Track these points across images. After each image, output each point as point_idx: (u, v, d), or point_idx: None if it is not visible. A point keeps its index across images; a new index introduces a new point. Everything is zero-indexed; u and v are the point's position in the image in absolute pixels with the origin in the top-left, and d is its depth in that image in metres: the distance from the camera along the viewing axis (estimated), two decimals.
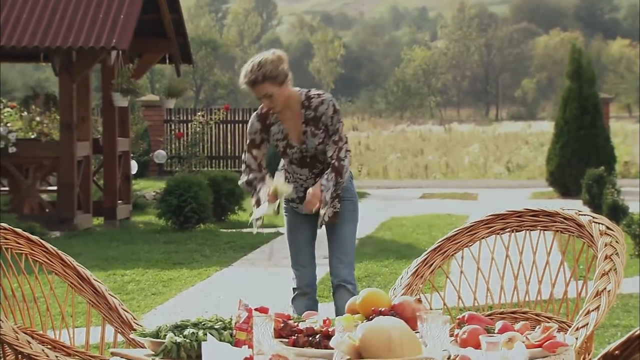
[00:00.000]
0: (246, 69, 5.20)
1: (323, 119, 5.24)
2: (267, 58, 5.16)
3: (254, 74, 5.15)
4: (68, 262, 3.56)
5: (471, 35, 73.75)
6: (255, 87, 5.15)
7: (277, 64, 5.15)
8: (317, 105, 5.24)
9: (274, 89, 5.15)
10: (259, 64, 5.16)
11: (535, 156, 27.50)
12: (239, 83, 5.28)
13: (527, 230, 3.64)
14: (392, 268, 9.50)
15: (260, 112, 5.32)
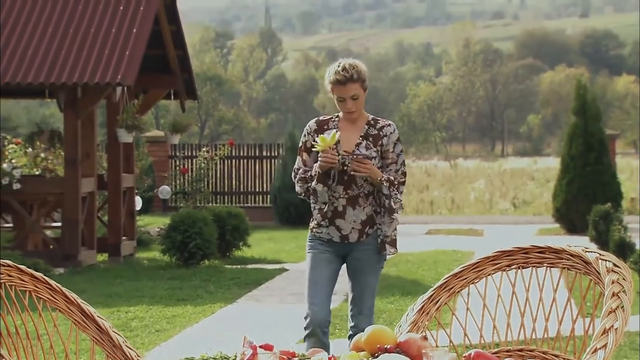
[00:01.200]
0: (338, 67, 5.17)
1: (384, 140, 5.24)
2: (357, 62, 5.22)
3: (350, 72, 5.13)
4: (72, 299, 3.56)
5: (476, 71, 74.00)
6: (346, 85, 5.12)
7: (365, 70, 5.22)
8: (383, 126, 5.27)
9: (361, 92, 5.18)
10: (351, 65, 5.18)
11: (541, 192, 27.48)
12: (327, 79, 5.19)
13: (534, 267, 3.64)
14: (398, 305, 9.47)
15: (321, 117, 5.33)
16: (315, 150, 5.21)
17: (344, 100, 5.15)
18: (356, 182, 5.22)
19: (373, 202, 5.30)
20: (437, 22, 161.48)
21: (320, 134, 5.22)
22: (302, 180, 5.27)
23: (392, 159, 5.27)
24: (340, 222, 5.27)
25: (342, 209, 5.25)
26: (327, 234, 5.30)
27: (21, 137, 15.17)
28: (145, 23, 12.61)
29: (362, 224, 5.28)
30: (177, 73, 14.04)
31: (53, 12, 12.74)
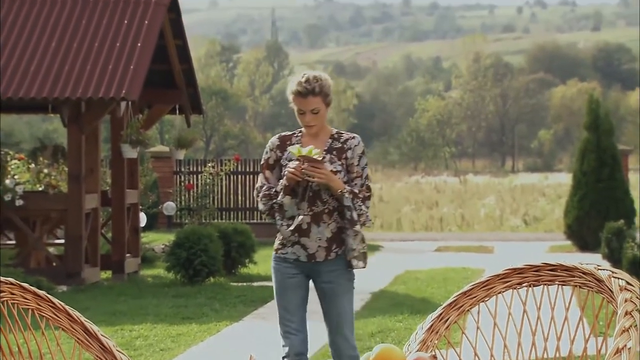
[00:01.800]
0: (302, 78, 5.09)
1: (348, 153, 5.15)
2: (323, 75, 5.14)
3: (312, 85, 5.06)
4: (75, 317, 3.57)
5: (486, 86, 74.03)
6: (307, 98, 5.06)
7: (329, 85, 5.14)
8: (347, 139, 5.19)
9: (322, 106, 5.11)
10: (315, 77, 5.10)
11: (552, 208, 27.45)
12: (288, 91, 5.12)
13: (545, 285, 3.63)
14: (407, 323, 9.46)
15: (283, 133, 5.29)
16: (278, 172, 5.16)
17: (303, 113, 5.09)
18: (321, 197, 5.11)
19: (338, 218, 5.16)
20: (446, 35, 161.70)
21: (283, 150, 5.16)
22: (266, 197, 5.16)
23: (357, 172, 5.17)
24: (305, 241, 5.14)
25: (306, 226, 5.12)
26: (292, 253, 5.16)
27: (24, 152, 15.22)
28: (150, 37, 12.65)
29: (327, 241, 5.14)
30: (182, 87, 14.07)
31: (57, 26, 12.79)
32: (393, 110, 79.76)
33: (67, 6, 13.02)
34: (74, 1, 13.07)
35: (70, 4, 13.05)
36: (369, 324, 9.41)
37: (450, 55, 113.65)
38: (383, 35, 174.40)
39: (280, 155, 5.17)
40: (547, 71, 79.03)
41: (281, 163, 5.15)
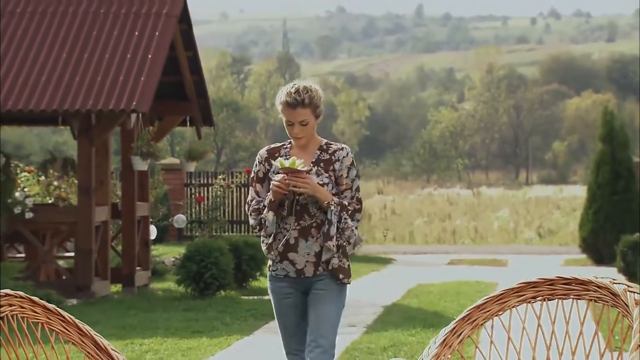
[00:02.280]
0: (292, 88, 4.98)
1: (336, 165, 5.01)
2: (313, 86, 5.02)
3: (301, 95, 4.94)
4: (85, 331, 3.57)
5: (500, 97, 73.97)
6: (295, 109, 4.94)
7: (320, 96, 5.02)
8: (335, 150, 5.05)
9: (311, 118, 4.98)
10: (305, 88, 4.98)
11: (567, 221, 27.38)
12: (277, 100, 5.02)
13: (560, 299, 3.62)
14: (419, 337, 9.44)
15: (272, 145, 5.16)
16: (268, 185, 5.05)
17: (292, 125, 4.98)
18: (308, 211, 4.99)
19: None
20: (459, 46, 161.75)
21: (270, 160, 5.08)
22: (255, 212, 5.05)
23: (347, 184, 5.02)
24: (293, 256, 5.02)
25: (294, 241, 5.00)
26: (282, 269, 5.06)
27: (34, 165, 15.27)
28: (160, 49, 12.70)
29: (316, 256, 5.00)
30: (193, 99, 14.11)
31: (67, 38, 12.84)
32: (405, 122, 79.74)
33: (78, 18, 13.07)
34: (85, 13, 13.13)
35: (80, 15, 13.10)
36: (381, 338, 9.40)
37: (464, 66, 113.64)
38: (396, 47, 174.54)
39: (268, 168, 5.07)
40: (562, 82, 78.93)
41: (269, 176, 5.06)
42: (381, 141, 75.06)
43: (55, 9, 13.15)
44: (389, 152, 70.89)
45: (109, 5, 13.19)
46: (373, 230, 25.51)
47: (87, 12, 13.14)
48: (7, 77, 12.37)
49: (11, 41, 12.81)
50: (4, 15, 13.11)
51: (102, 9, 13.16)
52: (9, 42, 12.80)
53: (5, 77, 12.38)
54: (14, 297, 3.43)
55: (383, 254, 19.80)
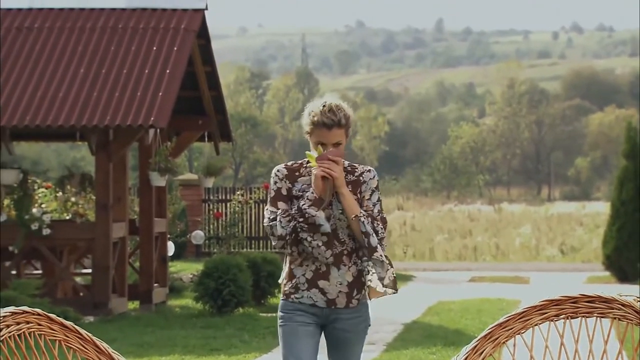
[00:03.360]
0: (323, 107, 4.62)
1: (363, 187, 4.67)
2: (344, 104, 4.69)
3: (337, 115, 4.60)
4: (103, 348, 3.58)
5: (521, 112, 73.84)
6: (331, 130, 4.58)
7: (351, 116, 4.70)
8: (362, 172, 4.71)
9: (344, 139, 4.65)
10: (339, 107, 4.64)
11: (590, 238, 27.26)
12: (307, 118, 4.65)
13: (583, 317, 3.60)
14: (440, 355, 9.40)
15: (289, 163, 4.78)
16: (299, 194, 4.63)
17: (324, 146, 4.60)
18: (338, 237, 4.61)
19: (358, 261, 4.66)
20: (479, 61, 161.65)
21: (293, 180, 4.66)
22: (286, 218, 4.59)
23: (368, 207, 4.65)
24: (324, 284, 4.63)
25: (325, 268, 4.62)
26: (308, 297, 4.62)
27: (51, 181, 15.33)
28: (179, 64, 12.75)
29: (349, 286, 4.63)
30: (211, 114, 14.15)
31: (85, 53, 12.91)
32: (425, 137, 79.67)
33: (96, 33, 13.15)
34: (103, 28, 13.20)
35: (98, 31, 13.17)
36: (402, 356, 9.37)
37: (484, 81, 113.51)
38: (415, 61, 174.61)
39: (290, 186, 4.65)
40: (584, 97, 78.73)
41: (293, 194, 4.64)
42: (401, 157, 75.02)
43: (73, 25, 13.23)
44: (408, 167, 70.83)
45: (127, 20, 13.26)
46: (393, 247, 25.46)
47: (105, 27, 13.21)
48: (24, 93, 12.44)
49: (29, 56, 12.89)
50: (22, 31, 13.19)
51: (120, 24, 13.23)
52: (26, 57, 12.87)
53: (23, 92, 12.45)
54: (31, 314, 3.44)
55: (403, 271, 19.76)
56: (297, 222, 4.57)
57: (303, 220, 4.57)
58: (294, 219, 4.57)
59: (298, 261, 4.64)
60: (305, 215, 4.56)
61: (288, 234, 4.58)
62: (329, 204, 4.60)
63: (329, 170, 4.53)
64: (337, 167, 4.56)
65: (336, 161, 4.56)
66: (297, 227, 4.57)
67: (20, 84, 12.55)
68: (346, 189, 4.61)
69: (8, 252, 12.58)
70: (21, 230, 12.35)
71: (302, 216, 4.57)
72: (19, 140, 15.24)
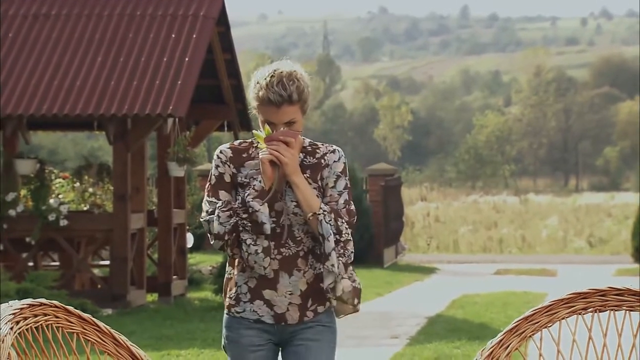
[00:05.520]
0: (271, 78, 3.78)
1: (326, 172, 3.82)
2: (298, 71, 3.80)
3: (288, 89, 3.74)
4: (121, 341, 3.60)
5: (548, 101, 73.56)
6: (280, 108, 3.74)
7: (308, 85, 3.82)
8: (324, 153, 3.85)
9: (299, 117, 3.79)
10: (290, 76, 3.77)
11: (619, 230, 27.15)
12: (252, 92, 3.84)
13: (612, 310, 3.60)
14: (465, 349, 9.40)
15: (235, 143, 3.90)
16: (245, 181, 3.79)
17: (272, 126, 3.77)
18: (293, 235, 3.77)
19: (316, 264, 3.79)
20: (505, 48, 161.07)
21: (239, 164, 3.81)
22: (226, 213, 3.73)
23: (332, 197, 3.80)
24: (270, 295, 3.77)
25: (272, 275, 3.76)
26: (252, 312, 3.78)
27: (69, 171, 15.39)
28: (198, 52, 12.76)
29: (302, 296, 3.77)
30: (230, 103, 14.16)
31: (102, 42, 12.95)
32: (450, 127, 79.53)
33: (114, 20, 13.18)
34: (121, 16, 13.23)
35: (116, 18, 13.20)
36: (425, 350, 9.37)
37: (510, 69, 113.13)
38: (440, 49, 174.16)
39: (235, 171, 3.82)
40: (613, 85, 78.34)
41: (239, 182, 3.80)
42: (424, 146, 74.91)
43: (90, 12, 13.27)
44: (432, 157, 70.73)
45: (145, 7, 13.29)
46: (416, 239, 25.45)
47: (123, 14, 13.24)
48: (41, 81, 12.49)
49: (46, 44, 12.94)
50: (39, 18, 13.25)
51: (138, 11, 13.26)
52: (44, 45, 12.93)
53: (39, 81, 12.51)
54: (48, 306, 3.46)
55: (426, 263, 19.74)
56: (239, 219, 3.72)
57: (247, 217, 3.72)
58: (236, 214, 3.72)
59: (241, 265, 3.80)
60: (249, 211, 3.71)
61: (227, 233, 3.74)
62: (280, 195, 3.77)
63: (277, 154, 3.70)
64: (288, 151, 3.71)
65: (288, 142, 3.72)
66: (238, 225, 3.73)
67: (37, 72, 12.60)
68: (301, 177, 3.75)
69: (25, 244, 12.65)
70: (38, 221, 12.42)
71: (246, 211, 3.72)
72: (35, 129, 15.31)
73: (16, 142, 13.65)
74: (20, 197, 12.81)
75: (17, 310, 3.31)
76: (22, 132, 13.07)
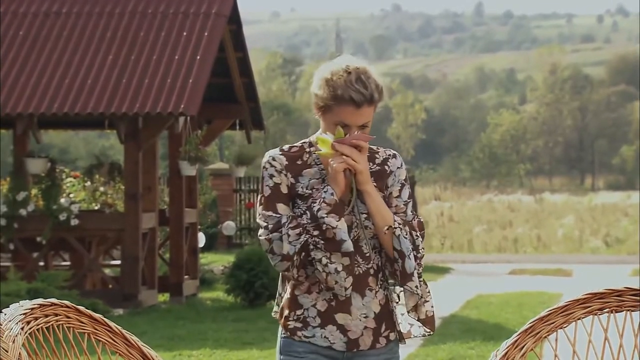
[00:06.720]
0: (347, 74, 3.40)
1: (390, 180, 3.49)
2: (371, 69, 3.47)
3: (369, 88, 3.39)
4: (132, 342, 3.60)
5: (564, 99, 73.39)
6: (360, 108, 3.37)
7: (385, 88, 3.49)
8: (385, 158, 3.51)
9: (371, 119, 3.46)
10: (367, 74, 3.42)
11: (635, 229, 27.06)
12: (324, 89, 3.42)
13: (628, 310, 3.59)
14: (479, 350, 9.39)
15: (285, 147, 3.52)
16: (306, 192, 3.43)
17: (346, 129, 3.41)
18: (362, 252, 3.43)
19: (385, 282, 3.51)
20: (521, 46, 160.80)
21: (295, 173, 3.44)
22: (295, 229, 3.38)
23: (399, 207, 3.48)
24: (344, 319, 3.44)
25: (344, 295, 3.44)
26: (323, 338, 3.44)
27: (79, 170, 15.44)
28: (209, 50, 12.78)
29: (376, 319, 3.46)
30: (242, 102, 14.17)
31: (114, 39, 12.97)
32: (464, 125, 79.41)
33: (125, 18, 13.20)
34: (132, 13, 13.25)
35: (127, 15, 13.23)
36: (439, 351, 9.36)
37: (525, 67, 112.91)
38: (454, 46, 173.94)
39: (293, 181, 3.45)
40: (629, 83, 78.08)
41: (299, 193, 3.44)
42: (438, 145, 74.82)
43: (101, 9, 13.30)
44: (446, 156, 70.65)
45: (157, 5, 13.31)
46: (430, 238, 25.43)
47: (134, 12, 13.26)
48: (52, 80, 12.53)
49: (57, 42, 12.97)
50: (50, 16, 13.28)
51: (149, 9, 13.28)
52: (54, 42, 12.96)
53: (50, 79, 12.54)
54: (59, 306, 3.47)
55: (440, 263, 19.73)
56: (311, 237, 3.37)
57: (319, 234, 3.36)
58: (306, 232, 3.37)
59: (305, 286, 3.44)
60: (323, 227, 3.35)
61: (297, 253, 3.38)
62: (351, 208, 3.42)
63: (352, 162, 3.35)
64: (361, 156, 3.37)
65: (361, 148, 3.38)
66: (309, 244, 3.37)
67: (48, 71, 12.63)
68: (372, 185, 3.42)
69: (36, 243, 12.69)
70: (49, 220, 12.46)
71: (317, 227, 3.36)
72: (46, 128, 15.36)
73: (27, 141, 13.69)
74: (31, 196, 12.85)
75: (28, 310, 3.32)
76: (33, 131, 13.11)
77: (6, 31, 13.07)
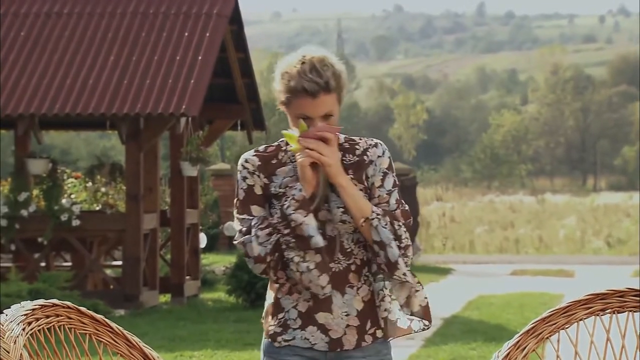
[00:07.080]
0: (302, 64, 3.28)
1: (371, 170, 3.33)
2: (329, 55, 3.33)
3: (324, 76, 3.26)
4: (134, 342, 3.60)
5: (566, 99, 73.41)
6: (316, 98, 3.24)
7: (344, 71, 3.35)
8: (366, 149, 3.36)
9: (336, 107, 3.31)
10: (324, 62, 3.29)
11: (637, 230, 27.06)
12: (280, 82, 3.32)
13: (630, 311, 3.59)
14: (481, 351, 9.39)
15: (260, 149, 3.40)
16: (279, 192, 3.32)
17: (308, 121, 3.28)
18: (342, 247, 3.31)
19: (370, 277, 3.35)
20: (522, 46, 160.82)
21: (268, 173, 3.34)
22: (265, 230, 3.27)
23: (381, 197, 3.32)
24: (325, 318, 3.34)
25: (324, 293, 3.33)
26: (303, 339, 3.38)
27: (81, 170, 15.44)
28: (211, 50, 12.78)
29: (359, 317, 3.33)
30: (244, 103, 14.18)
31: (115, 40, 12.98)
32: (465, 126, 79.43)
33: (126, 19, 13.21)
34: (133, 14, 13.26)
35: (129, 16, 13.23)
36: (441, 352, 9.36)
37: (527, 67, 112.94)
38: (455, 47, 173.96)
39: (267, 181, 3.35)
40: (631, 84, 78.09)
41: (273, 193, 3.33)
42: (440, 146, 74.83)
43: (103, 10, 13.31)
44: (447, 157, 70.66)
45: (158, 6, 13.32)
46: (431, 239, 25.43)
47: (136, 12, 13.27)
48: (54, 80, 12.53)
49: (58, 43, 12.97)
50: (51, 17, 13.29)
51: (150, 9, 13.29)
52: (55, 43, 12.96)
53: (52, 80, 12.54)
54: (61, 307, 3.47)
55: (442, 264, 19.73)
56: (281, 236, 3.26)
57: (289, 232, 3.25)
58: (277, 231, 3.26)
59: (286, 287, 3.37)
60: (292, 225, 3.24)
61: (269, 254, 3.28)
62: (323, 202, 3.30)
63: (317, 154, 3.22)
64: (328, 149, 3.23)
65: (327, 139, 3.24)
66: (281, 244, 3.27)
67: (50, 71, 12.64)
68: (345, 177, 3.28)
69: (37, 244, 12.69)
70: (50, 221, 12.46)
71: (287, 226, 3.25)
72: (48, 129, 15.36)
73: (28, 142, 13.69)
74: (32, 197, 12.85)
75: (29, 311, 3.32)
76: (35, 131, 13.12)
77: (7, 32, 13.08)
